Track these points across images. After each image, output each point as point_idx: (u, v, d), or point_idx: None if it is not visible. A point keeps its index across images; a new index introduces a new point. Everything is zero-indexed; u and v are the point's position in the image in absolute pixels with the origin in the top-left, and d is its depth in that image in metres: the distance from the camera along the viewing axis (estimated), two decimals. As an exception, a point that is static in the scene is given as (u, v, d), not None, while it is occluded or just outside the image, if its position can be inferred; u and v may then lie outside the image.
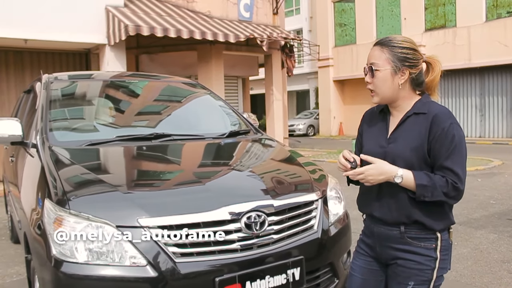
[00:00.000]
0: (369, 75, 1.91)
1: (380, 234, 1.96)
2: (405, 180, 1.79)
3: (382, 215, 1.93)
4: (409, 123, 1.89)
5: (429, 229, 1.85)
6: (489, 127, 19.32)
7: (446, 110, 1.85)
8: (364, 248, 2.07)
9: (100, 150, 3.10)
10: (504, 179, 9.26)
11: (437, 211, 1.85)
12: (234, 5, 12.53)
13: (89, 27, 9.79)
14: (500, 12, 18.35)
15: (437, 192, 1.76)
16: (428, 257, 1.86)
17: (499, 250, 4.82)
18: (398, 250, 1.90)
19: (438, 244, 1.87)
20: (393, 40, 1.89)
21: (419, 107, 1.88)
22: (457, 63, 19.30)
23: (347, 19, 24.39)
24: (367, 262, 2.05)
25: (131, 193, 2.50)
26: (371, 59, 1.90)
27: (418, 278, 1.86)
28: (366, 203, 2.02)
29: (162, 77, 4.62)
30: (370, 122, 2.08)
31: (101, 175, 2.66)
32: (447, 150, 1.78)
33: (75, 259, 2.20)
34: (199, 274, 2.25)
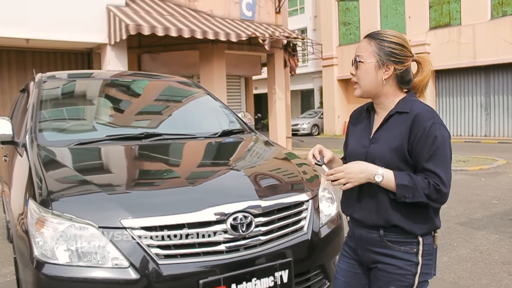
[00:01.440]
0: (353, 67, 1.87)
1: (360, 237, 1.91)
2: (386, 179, 1.72)
3: (362, 217, 1.87)
4: (392, 122, 1.83)
5: (410, 233, 1.78)
6: (494, 126, 19.16)
7: (429, 109, 1.77)
8: (348, 251, 2.02)
9: (89, 150, 3.07)
10: (508, 179, 9.15)
11: (419, 214, 1.78)
12: (236, 4, 12.48)
13: (90, 26, 9.78)
14: (506, 9, 18.17)
15: (418, 193, 1.69)
16: (409, 261, 1.79)
17: (500, 251, 4.74)
18: (378, 254, 1.84)
19: (420, 248, 1.79)
20: (383, 33, 1.83)
21: (402, 105, 1.82)
22: (462, 61, 19.17)
23: (351, 18, 24.28)
24: (351, 265, 2.00)
25: (116, 194, 2.46)
26: (357, 51, 1.86)
27: (398, 283, 1.80)
28: (347, 205, 1.97)
29: (155, 76, 4.57)
30: (356, 121, 2.03)
31: (87, 176, 2.62)
32: (429, 152, 1.71)
33: (56, 260, 2.16)
34: (182, 276, 2.20)
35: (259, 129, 27.92)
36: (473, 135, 19.81)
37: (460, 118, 20.24)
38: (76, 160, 2.95)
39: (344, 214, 2.05)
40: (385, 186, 1.75)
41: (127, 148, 3.12)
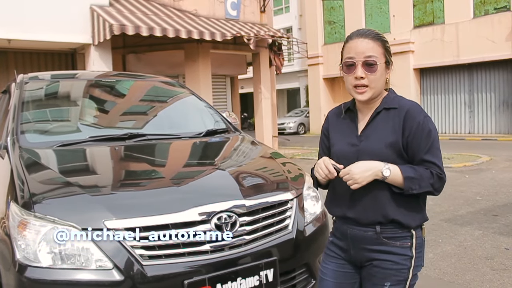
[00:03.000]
0: (364, 70, 1.79)
1: (354, 236, 1.90)
2: (393, 173, 1.74)
3: (356, 216, 1.86)
4: (380, 119, 1.84)
5: (406, 227, 1.82)
6: (478, 123, 19.42)
7: (417, 104, 1.84)
8: (336, 251, 2.00)
9: (71, 151, 3.03)
10: (492, 175, 9.28)
11: (413, 207, 1.83)
12: (221, 3, 12.46)
13: (73, 26, 9.68)
14: (488, 8, 18.43)
15: (424, 184, 1.74)
16: (405, 256, 1.83)
17: (483, 246, 4.81)
18: (374, 251, 1.85)
19: (413, 242, 1.84)
20: (379, 33, 1.86)
21: (389, 102, 1.85)
22: (445, 59, 19.40)
23: (336, 16, 24.40)
24: (340, 265, 1.98)
25: (99, 195, 2.44)
26: (367, 52, 1.79)
27: (394, 278, 1.82)
28: (338, 205, 1.95)
29: (140, 76, 4.55)
30: (337, 121, 2.01)
31: (70, 177, 2.59)
32: (426, 144, 1.77)
33: (39, 263, 2.14)
34: (167, 277, 2.19)
35: (245, 128, 27.92)
36: (457, 132, 20.05)
37: (444, 115, 20.47)
38: (59, 162, 2.91)
39: (333, 215, 2.02)
40: (391, 181, 1.75)
41: (110, 149, 3.10)
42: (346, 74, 1.84)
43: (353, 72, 1.81)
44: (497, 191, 7.63)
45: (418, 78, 20.88)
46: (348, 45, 1.84)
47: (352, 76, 1.82)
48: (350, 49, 1.83)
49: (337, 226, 2.00)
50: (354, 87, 1.83)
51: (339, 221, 1.98)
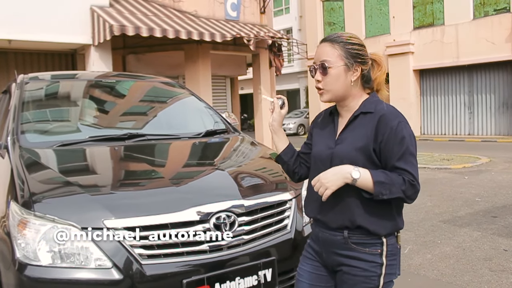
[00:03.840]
0: (319, 73, 1.84)
1: (325, 240, 1.89)
2: (362, 176, 1.70)
3: (326, 219, 1.86)
4: (357, 123, 1.84)
5: (374, 234, 1.78)
6: (478, 125, 19.42)
7: (394, 109, 1.80)
8: (312, 253, 1.99)
9: (71, 151, 3.05)
10: (491, 176, 9.29)
11: (383, 215, 1.79)
12: (221, 4, 12.48)
13: (73, 27, 9.69)
14: (487, 10, 18.45)
15: (395, 189, 1.69)
16: (374, 263, 1.78)
17: (482, 248, 4.82)
18: (343, 256, 1.83)
19: (384, 249, 1.79)
20: (342, 36, 1.86)
21: (367, 106, 1.84)
22: (445, 61, 19.41)
23: (336, 18, 24.42)
24: (315, 267, 1.97)
25: (99, 194, 2.46)
26: (322, 57, 1.84)
27: (364, 286, 1.80)
28: (311, 207, 1.96)
29: (139, 77, 4.56)
30: (321, 124, 2.03)
31: (70, 177, 2.61)
32: (399, 151, 1.72)
33: (39, 262, 2.15)
34: (166, 276, 2.20)
35: (245, 129, 27.93)
36: (457, 133, 20.06)
37: (444, 117, 20.48)
38: (59, 162, 2.93)
39: (308, 217, 2.02)
40: (361, 185, 1.72)
41: (110, 149, 3.11)
42: (313, 78, 1.91)
43: (314, 76, 1.88)
44: (496, 193, 7.64)
45: (417, 79, 20.90)
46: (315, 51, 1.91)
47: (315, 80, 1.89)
48: (314, 55, 1.90)
49: (313, 227, 2.01)
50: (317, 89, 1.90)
51: (314, 223, 1.98)
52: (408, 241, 5.11)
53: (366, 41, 22.11)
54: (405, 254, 4.68)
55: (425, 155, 12.87)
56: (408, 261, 4.47)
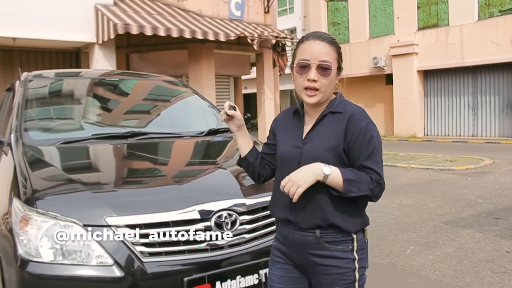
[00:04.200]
0: (316, 73, 1.79)
1: (296, 241, 1.87)
2: (333, 173, 1.72)
3: (297, 220, 1.84)
4: (325, 122, 1.84)
5: (345, 231, 1.81)
6: (481, 126, 19.35)
7: (362, 110, 1.83)
8: (281, 256, 1.96)
9: (74, 149, 3.06)
10: (494, 178, 9.26)
11: (353, 212, 1.83)
12: (225, 3, 12.49)
13: (78, 25, 9.74)
14: (492, 11, 18.37)
15: (363, 187, 1.73)
16: (347, 259, 1.82)
17: (484, 249, 4.81)
18: (316, 256, 1.83)
19: (354, 245, 1.83)
20: (334, 38, 1.85)
21: (335, 106, 1.86)
22: (449, 62, 19.32)
23: (340, 18, 24.38)
24: (286, 270, 1.94)
25: (101, 192, 2.47)
26: (322, 56, 1.78)
27: (342, 282, 1.81)
28: (279, 207, 1.92)
29: (143, 75, 4.57)
30: (285, 123, 2.00)
31: (73, 174, 2.62)
32: (367, 150, 1.76)
33: (40, 258, 2.16)
34: (167, 274, 2.21)
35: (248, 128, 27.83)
36: (460, 135, 19.99)
37: (447, 118, 20.42)
38: (62, 159, 2.94)
39: (275, 217, 2.00)
40: (331, 182, 1.73)
41: (113, 147, 3.12)
42: (299, 75, 1.82)
43: (306, 74, 1.80)
44: (499, 194, 7.61)
45: (421, 80, 20.84)
46: (303, 46, 1.83)
47: (304, 78, 1.80)
48: (305, 51, 1.81)
49: (280, 229, 1.97)
50: (304, 89, 1.82)
51: (281, 224, 1.95)
52: (410, 242, 5.11)
53: (370, 41, 22.12)
54: (407, 255, 4.68)
55: (428, 156, 12.85)
56: (410, 262, 4.47)
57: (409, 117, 20.63)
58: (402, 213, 6.47)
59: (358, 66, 22.68)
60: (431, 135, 20.84)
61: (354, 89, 23.68)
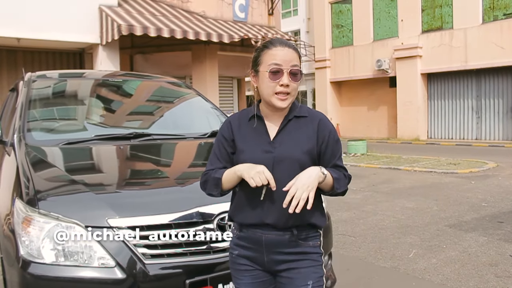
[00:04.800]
0: (291, 78, 1.81)
1: (270, 242, 1.86)
2: (328, 174, 1.82)
3: (275, 221, 1.83)
4: (292, 126, 1.88)
5: (318, 227, 1.92)
6: (485, 130, 19.29)
7: (323, 114, 1.96)
8: (247, 263, 1.93)
9: (77, 150, 3.06)
10: (498, 182, 9.22)
11: (322, 209, 1.95)
12: (229, 5, 12.51)
13: (82, 26, 9.77)
14: (497, 14, 18.33)
15: (344, 183, 1.88)
16: (317, 253, 1.92)
17: (488, 253, 4.78)
18: (289, 254, 1.86)
19: (321, 240, 1.95)
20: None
21: (298, 110, 1.91)
22: (453, 65, 19.28)
23: (344, 20, 24.37)
24: (255, 276, 1.93)
25: (103, 193, 2.47)
26: (293, 61, 1.82)
27: (315, 276, 1.87)
28: (251, 213, 1.87)
29: (146, 76, 4.57)
30: (242, 128, 1.94)
31: (75, 175, 2.61)
32: (337, 151, 1.91)
33: (42, 259, 2.16)
34: (169, 276, 2.21)
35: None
36: (464, 138, 19.93)
37: (451, 121, 20.37)
38: (64, 160, 2.94)
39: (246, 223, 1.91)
40: (326, 182, 1.81)
41: (116, 148, 3.12)
42: (270, 80, 1.80)
43: (279, 79, 1.80)
44: (503, 198, 7.58)
45: (425, 83, 20.80)
46: (272, 52, 1.82)
47: (276, 83, 1.80)
48: (276, 57, 1.81)
49: (245, 235, 1.92)
50: (276, 94, 1.81)
51: (250, 230, 1.89)
52: (413, 245, 5.09)
53: (374, 44, 22.10)
54: (410, 258, 4.65)
55: (431, 159, 12.81)
56: (413, 266, 4.45)
57: (413, 120, 20.59)
58: (405, 216, 6.45)
59: (361, 69, 22.67)
60: (434, 138, 20.79)
61: (358, 92, 23.69)
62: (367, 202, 7.54)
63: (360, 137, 20.39)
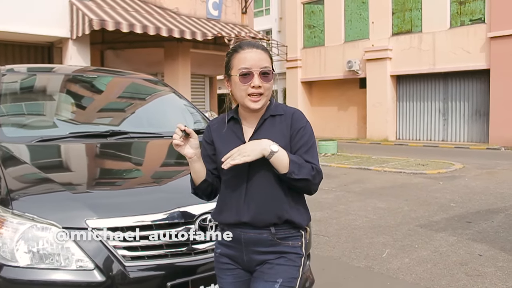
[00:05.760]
0: (262, 79, 1.82)
1: (248, 240, 1.87)
2: (280, 152, 1.76)
3: (252, 220, 1.84)
4: (267, 125, 1.90)
5: (298, 226, 1.89)
6: (451, 131, 19.79)
7: (300, 110, 1.94)
8: (229, 262, 1.95)
9: (51, 147, 2.95)
10: (465, 182, 9.46)
11: (303, 207, 1.93)
12: (203, 2, 12.40)
13: (51, 19, 9.50)
14: (464, 19, 18.81)
15: (304, 171, 1.79)
16: (296, 254, 1.88)
17: (458, 252, 4.89)
18: (267, 253, 1.86)
19: (302, 241, 1.92)
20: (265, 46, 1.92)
21: (274, 109, 1.92)
22: (422, 67, 19.71)
23: (316, 21, 24.55)
24: (237, 275, 1.95)
25: (81, 193, 2.38)
26: (263, 63, 1.83)
27: (286, 275, 1.84)
28: (230, 213, 1.90)
29: (124, 73, 4.45)
30: (221, 131, 1.97)
31: (50, 174, 2.52)
32: (306, 145, 1.87)
33: (16, 262, 2.07)
34: (149, 279, 2.15)
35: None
36: (431, 139, 20.40)
37: (419, 122, 20.81)
38: (38, 158, 2.83)
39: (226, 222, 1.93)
40: (276, 160, 1.76)
41: (91, 146, 3.03)
42: (242, 83, 1.82)
43: (250, 81, 1.82)
44: (470, 198, 7.77)
45: (394, 84, 21.18)
46: (241, 56, 1.84)
47: (247, 85, 1.82)
48: (245, 60, 1.83)
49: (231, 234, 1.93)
50: (248, 95, 1.83)
51: (230, 228, 1.92)
52: (386, 245, 5.15)
53: (345, 45, 22.36)
54: (384, 258, 4.71)
55: (400, 160, 13.04)
56: (387, 265, 4.50)
57: (382, 121, 20.94)
58: (377, 216, 6.53)
59: (332, 69, 22.90)
60: (402, 139, 21.20)
61: (328, 92, 23.92)
62: (339, 202, 7.60)
63: (330, 137, 20.61)
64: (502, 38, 17.19)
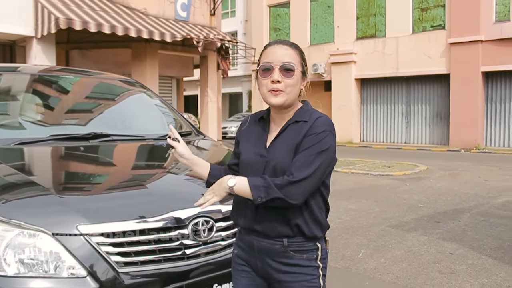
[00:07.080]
0: (283, 74, 1.77)
1: (261, 249, 1.85)
2: (239, 184, 1.73)
3: (264, 229, 1.82)
4: (290, 131, 1.82)
5: (311, 238, 1.82)
6: (414, 134, 20.34)
7: (326, 118, 1.81)
8: (244, 264, 1.94)
9: (32, 150, 2.84)
10: (430, 183, 9.73)
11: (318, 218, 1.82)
12: (171, 3, 12.27)
13: (14, 17, 9.16)
14: (425, 25, 19.39)
15: (272, 190, 1.68)
16: (312, 267, 1.83)
17: (430, 251, 5.02)
18: (282, 264, 1.82)
19: (318, 254, 1.85)
20: (296, 44, 1.87)
21: (300, 114, 1.83)
22: (385, 71, 20.18)
23: (282, 24, 24.74)
24: (251, 278, 1.92)
25: (69, 197, 2.30)
26: (284, 58, 1.78)
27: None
28: (242, 216, 1.89)
29: (97, 73, 4.33)
30: (249, 130, 1.95)
31: (34, 177, 2.43)
32: (308, 147, 1.73)
33: (3, 272, 1.97)
34: (143, 284, 2.10)
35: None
36: (394, 141, 20.89)
37: (382, 125, 21.28)
38: (19, 161, 2.72)
39: (240, 226, 1.96)
40: (240, 192, 1.74)
41: (74, 148, 2.94)
42: (262, 78, 1.81)
43: (270, 76, 1.78)
44: (437, 199, 8.01)
45: (359, 88, 21.59)
46: (266, 51, 1.83)
47: (268, 80, 1.78)
48: (268, 55, 1.81)
49: (243, 237, 1.94)
50: (269, 91, 1.80)
51: (245, 233, 1.92)
52: (361, 245, 5.24)
53: (311, 48, 22.60)
54: (360, 259, 4.78)
55: (366, 162, 13.30)
56: (364, 265, 4.57)
57: (347, 124, 21.28)
58: (349, 217, 6.63)
59: (298, 72, 23.06)
60: (367, 141, 21.62)
61: (294, 95, 24.08)
62: (311, 203, 7.66)
63: (297, 139, 20.73)
64: (461, 44, 17.83)
